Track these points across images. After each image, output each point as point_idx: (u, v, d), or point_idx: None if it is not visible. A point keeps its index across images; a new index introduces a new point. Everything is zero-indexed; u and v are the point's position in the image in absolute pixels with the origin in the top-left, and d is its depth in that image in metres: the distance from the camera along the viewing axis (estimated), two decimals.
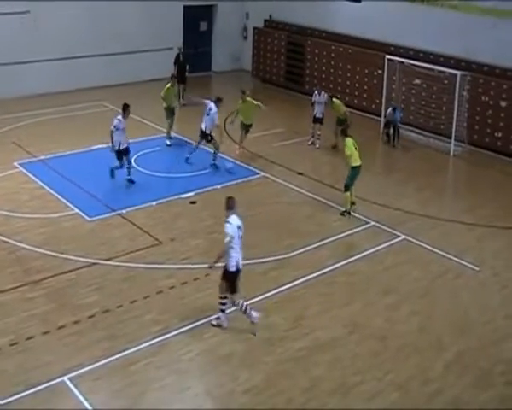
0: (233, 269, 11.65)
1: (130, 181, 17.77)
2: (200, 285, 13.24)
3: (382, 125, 23.29)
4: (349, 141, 16.67)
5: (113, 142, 17.45)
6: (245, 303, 11.90)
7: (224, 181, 18.20)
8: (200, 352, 11.32)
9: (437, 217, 16.92)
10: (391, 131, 22.67)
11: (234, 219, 11.65)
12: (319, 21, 28.15)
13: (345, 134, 17.01)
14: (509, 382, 11.05)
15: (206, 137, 19.14)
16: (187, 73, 26.21)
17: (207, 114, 19.09)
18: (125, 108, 17.72)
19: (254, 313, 11.87)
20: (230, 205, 11.79)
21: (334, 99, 21.56)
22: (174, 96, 21.87)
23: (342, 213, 16.67)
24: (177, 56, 26.27)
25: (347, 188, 16.61)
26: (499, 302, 13.43)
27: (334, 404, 10.26)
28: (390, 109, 22.68)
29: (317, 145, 21.63)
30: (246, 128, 20.50)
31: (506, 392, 10.83)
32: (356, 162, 16.59)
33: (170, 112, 21.47)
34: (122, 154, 17.65)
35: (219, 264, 11.81)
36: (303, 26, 28.81)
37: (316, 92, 21.88)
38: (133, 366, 10.84)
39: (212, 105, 19.17)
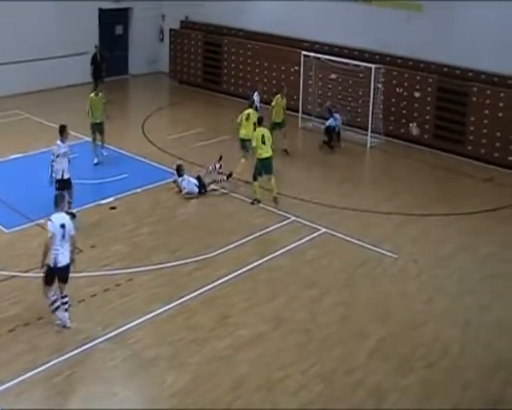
0: (50, 264, 11.61)
1: (72, 215, 14.91)
2: (122, 291, 13.13)
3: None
4: (257, 132, 17.10)
5: (52, 171, 15.40)
6: (57, 302, 11.81)
7: (143, 184, 18.05)
8: (126, 358, 11.22)
9: (356, 208, 17.25)
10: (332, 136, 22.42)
11: (57, 218, 11.69)
12: (235, 20, 28.25)
13: (258, 124, 17.41)
14: (428, 365, 11.36)
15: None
16: (103, 73, 25.71)
17: None
18: (62, 129, 15.57)
19: (64, 315, 11.83)
20: (57, 202, 12.00)
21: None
22: (101, 109, 19.66)
23: (252, 202, 17.09)
24: (94, 56, 25.83)
25: (255, 178, 17.12)
26: (418, 288, 13.81)
27: (259, 400, 10.33)
28: (329, 117, 22.57)
29: None
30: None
31: (426, 375, 11.12)
32: (261, 155, 16.98)
33: (97, 128, 19.56)
34: (64, 185, 15.35)
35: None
36: (219, 25, 28.85)
37: (256, 93, 21.88)
38: (56, 378, 10.63)
39: None
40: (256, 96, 21.61)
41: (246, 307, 12.73)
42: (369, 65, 22.76)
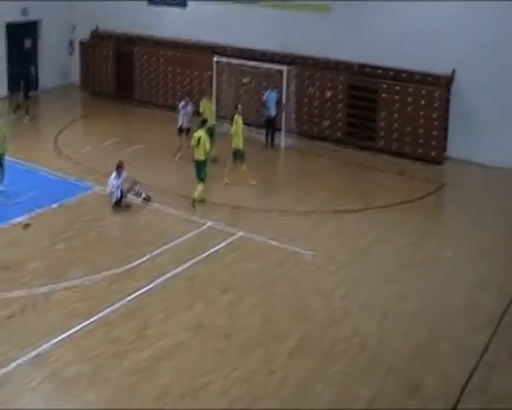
0: None
1: None
2: (40, 309, 12.89)
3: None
4: (195, 134, 17.73)
5: None
6: None
7: (57, 200, 17.72)
8: (45, 378, 10.99)
9: (272, 209, 17.44)
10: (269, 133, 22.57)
11: None
12: (146, 29, 28.01)
13: (201, 126, 18.05)
14: (348, 358, 11.59)
15: None
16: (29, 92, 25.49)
17: None
18: None
19: None
20: None
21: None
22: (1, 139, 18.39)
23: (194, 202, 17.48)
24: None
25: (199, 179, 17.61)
26: (335, 284, 14.05)
27: (184, 408, 10.31)
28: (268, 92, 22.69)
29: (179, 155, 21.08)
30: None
31: (346, 368, 11.35)
32: (196, 156, 17.59)
33: None
34: None
35: None
36: (130, 34, 28.55)
37: (182, 103, 21.44)
38: None
39: None
40: (189, 107, 21.40)
41: (165, 317, 12.68)
42: (281, 67, 23.01)
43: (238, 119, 19.16)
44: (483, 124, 21.17)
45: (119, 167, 17.45)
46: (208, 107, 21.26)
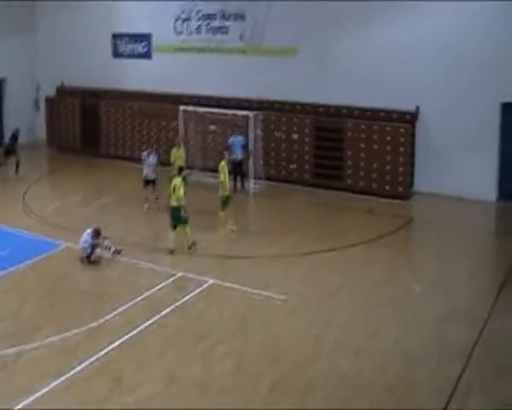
0: None
1: None
2: (9, 371, 12.62)
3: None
4: (173, 181, 17.70)
5: None
6: None
7: (26, 259, 17.57)
8: None
9: (243, 256, 17.41)
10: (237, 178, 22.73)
11: None
12: (112, 82, 28.26)
13: (178, 173, 18.04)
14: (325, 399, 11.49)
15: None
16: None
17: None
18: None
19: None
20: None
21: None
22: None
23: (189, 247, 17.57)
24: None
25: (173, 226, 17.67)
26: (307, 325, 13.98)
27: None
28: (233, 137, 22.85)
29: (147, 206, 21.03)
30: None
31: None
32: (169, 204, 17.63)
33: None
34: None
35: None
36: (96, 88, 28.73)
37: (145, 154, 21.37)
38: None
39: None
40: (152, 158, 21.25)
41: (137, 369, 12.49)
42: (247, 113, 23.21)
43: (224, 166, 19.12)
44: (448, 156, 21.51)
45: (97, 232, 17.30)
46: (179, 155, 21.35)
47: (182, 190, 17.56)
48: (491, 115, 20.91)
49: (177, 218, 17.54)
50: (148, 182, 21.15)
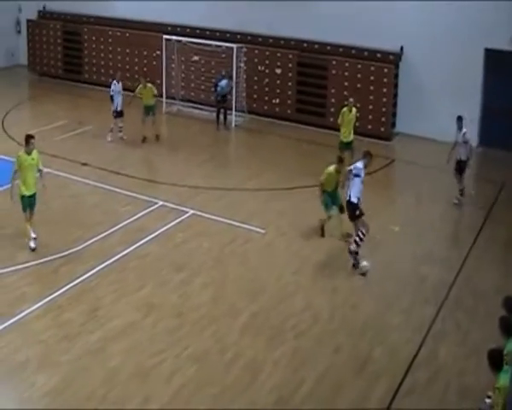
0: None
1: None
2: None
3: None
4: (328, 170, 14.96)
5: None
6: None
7: (4, 183, 17.24)
8: None
9: (223, 187, 17.44)
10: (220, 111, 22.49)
11: None
12: (95, 8, 27.67)
13: (339, 161, 15.00)
14: (298, 334, 11.68)
15: None
16: None
17: None
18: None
19: None
20: None
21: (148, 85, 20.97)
22: None
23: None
24: None
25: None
26: (286, 260, 14.13)
27: (133, 389, 10.28)
28: (222, 80, 22.51)
29: (125, 137, 20.87)
30: None
31: (297, 344, 11.43)
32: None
33: None
34: None
35: None
36: (79, 14, 28.15)
37: (114, 82, 20.91)
38: None
39: None
40: (114, 85, 20.94)
41: (115, 298, 12.59)
42: (231, 45, 22.92)
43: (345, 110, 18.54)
44: (431, 99, 21.46)
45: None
46: (146, 93, 20.89)
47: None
48: (474, 60, 20.80)
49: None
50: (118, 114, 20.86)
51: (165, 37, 24.15)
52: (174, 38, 24.12)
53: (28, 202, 14.40)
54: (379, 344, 11.52)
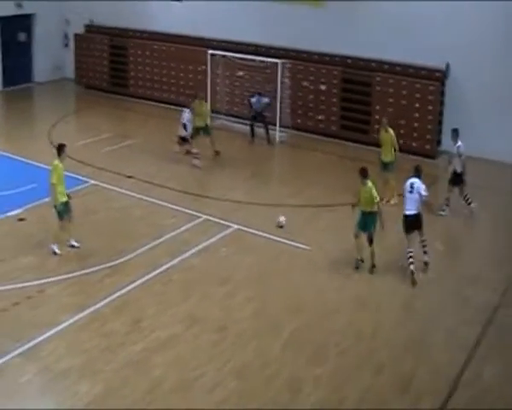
0: None
1: None
2: (33, 303, 12.86)
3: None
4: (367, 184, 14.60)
5: None
6: None
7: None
8: (38, 371, 10.99)
9: (267, 203, 17.43)
10: (254, 129, 22.54)
11: None
12: (141, 22, 28.03)
13: (365, 176, 14.61)
14: (341, 351, 11.61)
15: None
16: None
17: None
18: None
19: None
20: None
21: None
22: None
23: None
24: None
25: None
26: (328, 277, 14.08)
27: (176, 402, 10.32)
28: (255, 97, 22.64)
29: (199, 165, 20.04)
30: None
31: (339, 362, 11.35)
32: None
33: None
34: None
35: None
36: (125, 28, 28.54)
37: (188, 110, 20.64)
38: None
39: None
40: (187, 113, 20.75)
41: (159, 310, 12.69)
42: (276, 60, 23.01)
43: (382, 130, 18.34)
44: (478, 117, 21.18)
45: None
46: (201, 111, 20.66)
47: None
48: None
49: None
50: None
51: (211, 52, 24.33)
52: (219, 52, 24.29)
53: (66, 209, 14.75)
54: (422, 363, 11.40)
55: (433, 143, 21.43)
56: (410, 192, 14.43)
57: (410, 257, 14.02)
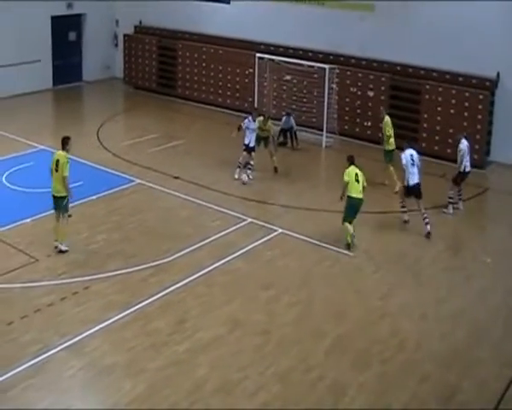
0: None
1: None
2: (79, 299, 13.01)
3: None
4: (351, 169, 15.66)
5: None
6: None
7: (98, 192, 17.92)
8: (82, 367, 11.10)
9: (312, 208, 17.39)
10: (287, 137, 22.56)
11: None
12: (189, 24, 28.21)
13: (350, 161, 15.77)
14: (384, 360, 11.49)
15: None
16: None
17: None
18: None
19: None
20: None
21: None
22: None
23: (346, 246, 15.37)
24: None
25: (344, 219, 15.40)
26: (373, 285, 13.98)
27: (218, 403, 10.33)
28: (284, 117, 22.72)
29: (251, 177, 19.23)
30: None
31: (382, 370, 11.25)
32: (352, 193, 15.41)
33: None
34: None
35: None
36: (173, 29, 28.78)
37: (250, 118, 19.38)
38: (10, 392, 10.42)
39: None
40: (248, 122, 19.40)
41: (202, 311, 12.73)
42: (323, 65, 22.94)
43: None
44: None
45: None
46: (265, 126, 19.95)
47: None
48: None
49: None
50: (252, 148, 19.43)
51: (258, 55, 24.35)
52: (267, 56, 24.29)
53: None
54: (467, 376, 11.21)
55: (481, 154, 21.12)
56: (412, 164, 16.59)
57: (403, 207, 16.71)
